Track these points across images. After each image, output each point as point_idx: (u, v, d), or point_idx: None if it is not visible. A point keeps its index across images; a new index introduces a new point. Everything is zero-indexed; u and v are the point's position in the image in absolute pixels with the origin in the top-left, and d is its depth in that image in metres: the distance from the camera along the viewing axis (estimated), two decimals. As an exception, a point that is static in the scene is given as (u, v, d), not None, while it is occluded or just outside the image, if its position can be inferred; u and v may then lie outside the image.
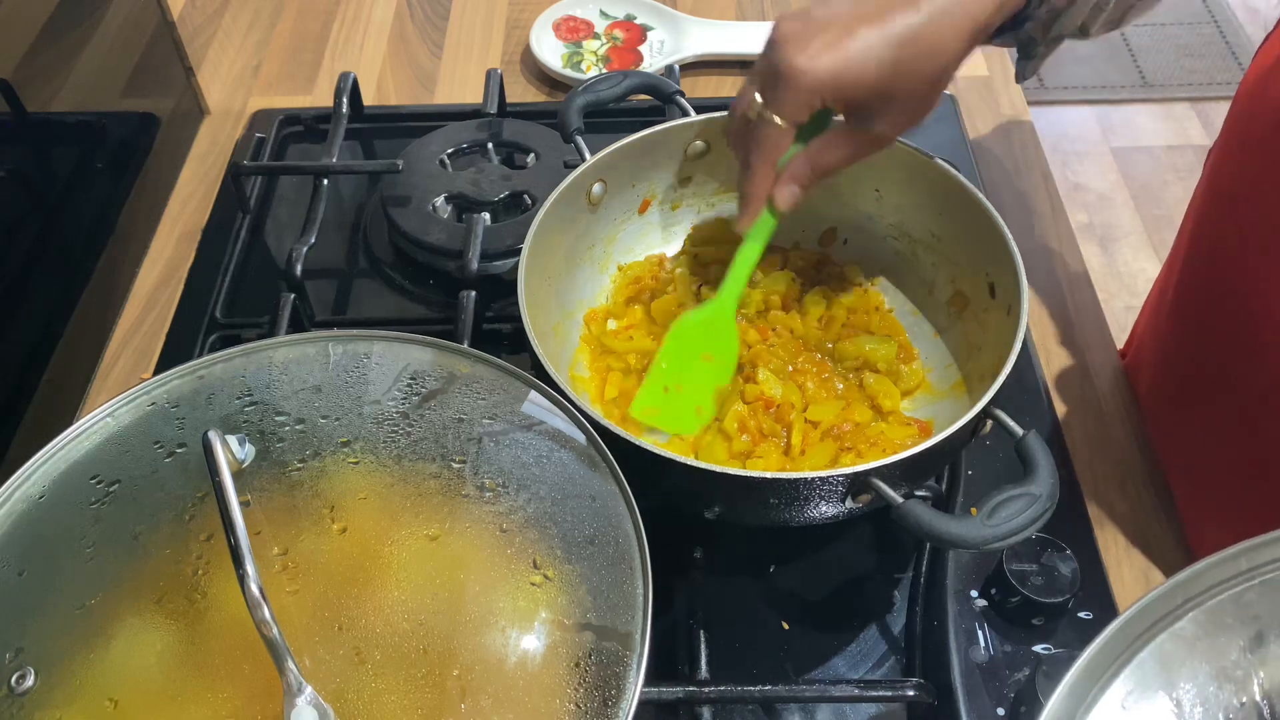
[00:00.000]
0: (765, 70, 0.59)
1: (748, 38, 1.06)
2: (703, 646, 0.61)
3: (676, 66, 1.01)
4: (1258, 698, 0.40)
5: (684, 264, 0.76)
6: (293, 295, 0.79)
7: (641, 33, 1.08)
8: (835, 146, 0.62)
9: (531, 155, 0.91)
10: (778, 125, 0.60)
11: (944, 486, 0.69)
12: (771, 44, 0.58)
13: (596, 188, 0.72)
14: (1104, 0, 0.63)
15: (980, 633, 0.62)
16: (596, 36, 1.08)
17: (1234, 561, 0.41)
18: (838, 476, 0.54)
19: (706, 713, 0.59)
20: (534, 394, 0.54)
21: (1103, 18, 0.64)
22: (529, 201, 0.87)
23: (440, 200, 0.87)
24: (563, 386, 0.56)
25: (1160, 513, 0.72)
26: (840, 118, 0.63)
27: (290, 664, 0.41)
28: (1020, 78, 0.69)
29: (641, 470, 0.52)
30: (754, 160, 0.62)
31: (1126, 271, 2.23)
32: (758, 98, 0.60)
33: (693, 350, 0.68)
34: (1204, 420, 0.73)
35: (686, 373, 0.67)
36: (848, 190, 0.76)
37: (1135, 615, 0.41)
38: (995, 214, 0.66)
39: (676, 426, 0.66)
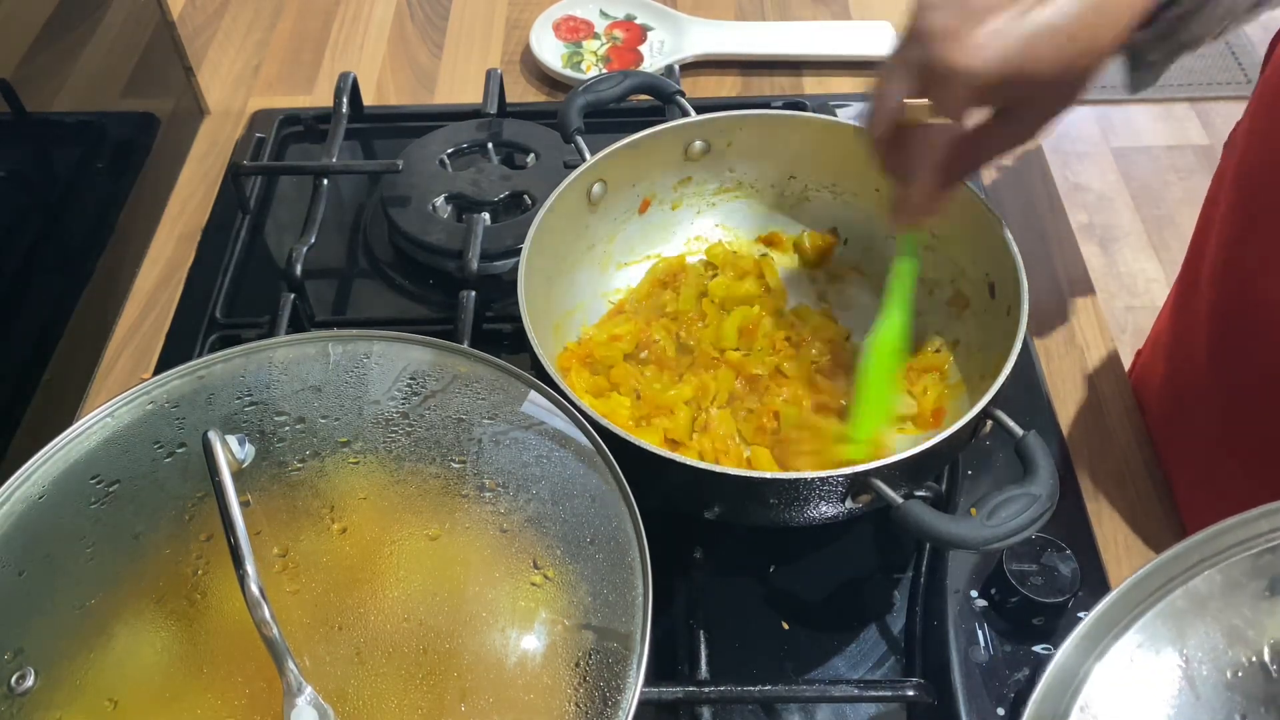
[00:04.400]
0: (923, 69, 0.54)
1: (748, 38, 1.06)
2: (703, 646, 0.61)
3: (676, 66, 1.01)
4: (1266, 657, 0.40)
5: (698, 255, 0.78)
6: (293, 295, 0.79)
7: (641, 33, 1.08)
8: (986, 146, 0.59)
9: (531, 155, 0.91)
10: (944, 127, 0.56)
11: (944, 486, 0.69)
12: (921, 38, 0.54)
13: (596, 188, 0.72)
14: (1235, 5, 0.59)
15: (980, 633, 0.62)
16: (596, 36, 1.08)
17: (1254, 523, 0.42)
18: (838, 477, 0.54)
19: (706, 713, 0.59)
20: (534, 394, 0.54)
21: (1220, 29, 0.61)
22: (529, 201, 0.87)
23: (440, 200, 0.87)
24: (562, 386, 0.56)
25: (1161, 513, 0.72)
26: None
27: (290, 664, 0.41)
28: (1133, 89, 0.65)
29: (641, 470, 0.52)
30: (923, 166, 0.58)
31: (1126, 271, 2.23)
32: (916, 100, 0.55)
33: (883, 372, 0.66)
34: (1211, 419, 0.73)
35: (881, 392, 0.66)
36: (849, 190, 0.77)
37: (1150, 572, 0.42)
38: (995, 214, 0.66)
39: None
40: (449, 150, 0.91)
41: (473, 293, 0.79)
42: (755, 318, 0.73)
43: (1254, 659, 0.40)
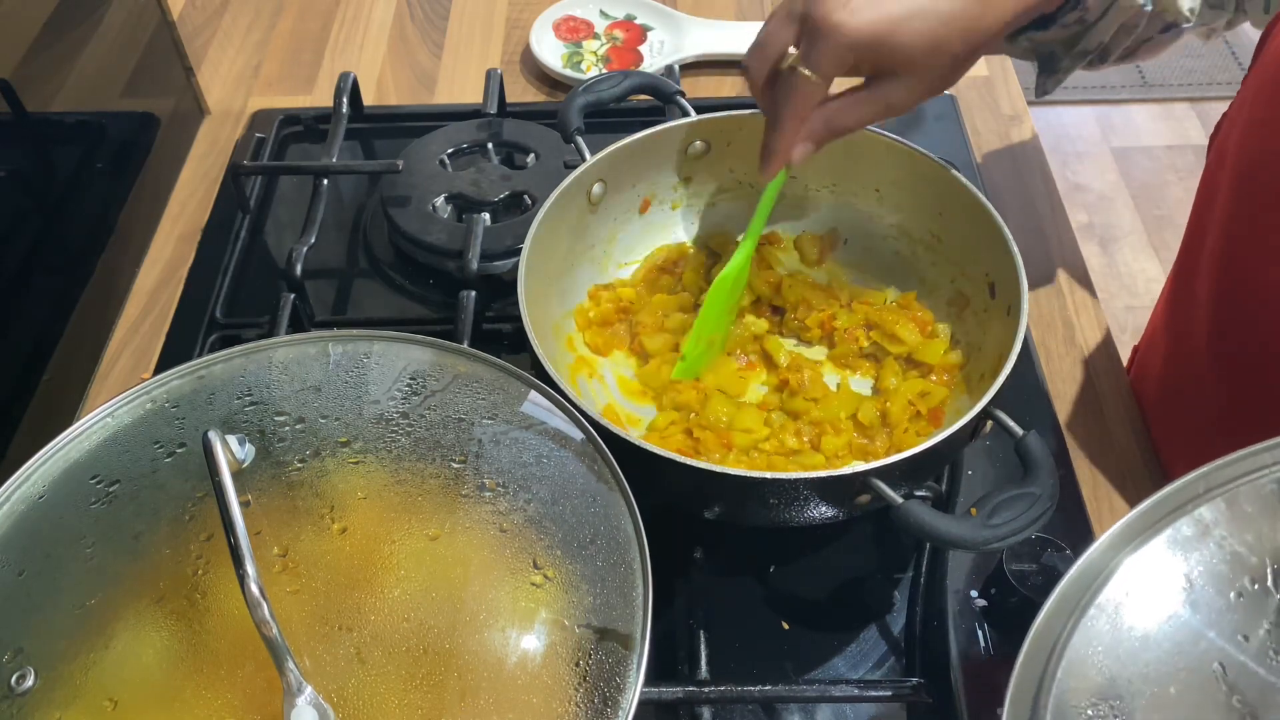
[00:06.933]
0: (802, 20, 0.58)
1: (748, 38, 1.05)
2: (703, 646, 0.61)
3: (676, 66, 1.01)
4: (1269, 581, 0.41)
5: (696, 246, 0.79)
6: (293, 295, 0.79)
7: (641, 33, 1.08)
8: (852, 109, 0.62)
9: (531, 155, 0.91)
10: (811, 80, 0.59)
11: (944, 486, 0.69)
12: None
13: (596, 188, 0.72)
14: (1132, 23, 0.63)
15: (980, 633, 0.62)
16: (596, 36, 1.08)
17: (1258, 456, 0.43)
18: (837, 477, 0.54)
19: (706, 713, 0.59)
20: (534, 394, 0.54)
21: (1126, 43, 0.64)
22: (529, 201, 0.87)
23: (440, 200, 0.87)
24: (563, 386, 0.56)
25: (1160, 513, 0.72)
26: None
27: (290, 664, 0.41)
28: (1040, 92, 0.69)
29: (641, 470, 0.52)
30: (784, 114, 0.61)
31: (1126, 271, 2.23)
32: (792, 50, 0.59)
33: (724, 302, 0.71)
34: (1210, 407, 0.73)
35: (718, 322, 0.71)
36: (849, 190, 0.77)
37: (1156, 502, 0.43)
38: (995, 214, 0.66)
39: (702, 369, 0.71)
40: (449, 150, 0.91)
41: (473, 293, 0.79)
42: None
43: (1257, 584, 0.41)
